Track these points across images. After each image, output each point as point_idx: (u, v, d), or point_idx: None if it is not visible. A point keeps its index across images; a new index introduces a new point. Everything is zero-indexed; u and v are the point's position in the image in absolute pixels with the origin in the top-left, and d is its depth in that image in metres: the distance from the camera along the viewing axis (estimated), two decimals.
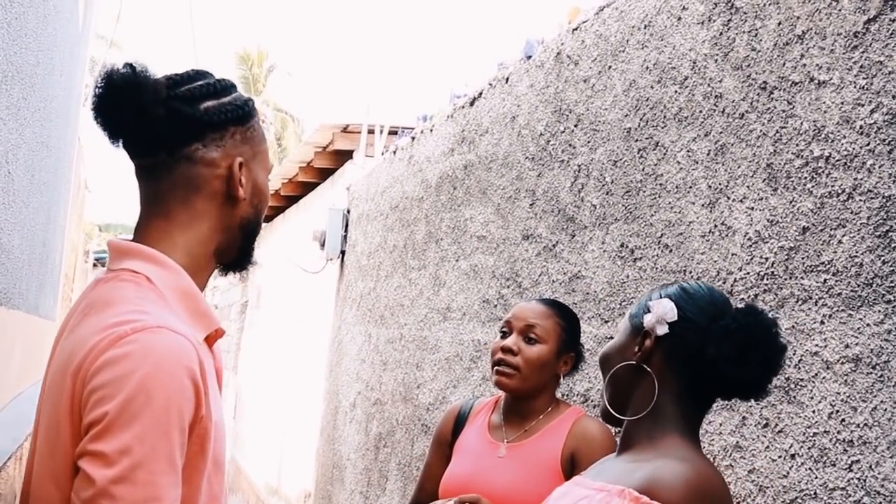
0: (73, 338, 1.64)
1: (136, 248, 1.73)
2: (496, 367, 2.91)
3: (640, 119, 3.30)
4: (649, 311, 1.90)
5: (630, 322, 1.97)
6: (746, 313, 1.86)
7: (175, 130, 1.73)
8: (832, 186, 2.38)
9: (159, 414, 1.52)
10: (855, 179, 2.30)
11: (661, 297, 1.92)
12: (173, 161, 1.74)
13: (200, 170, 1.75)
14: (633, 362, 1.91)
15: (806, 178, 2.47)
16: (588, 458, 2.77)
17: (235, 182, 1.77)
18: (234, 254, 1.86)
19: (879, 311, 2.18)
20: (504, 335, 2.95)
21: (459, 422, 3.09)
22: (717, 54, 2.89)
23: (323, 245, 8.14)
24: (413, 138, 6.22)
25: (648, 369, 1.89)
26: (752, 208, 2.65)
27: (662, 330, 1.87)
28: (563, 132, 3.89)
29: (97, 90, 1.72)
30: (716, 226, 2.81)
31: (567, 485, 2.01)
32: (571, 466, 2.79)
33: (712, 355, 1.83)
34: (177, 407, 1.55)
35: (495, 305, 4.38)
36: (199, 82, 1.78)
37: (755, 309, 1.88)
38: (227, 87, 1.82)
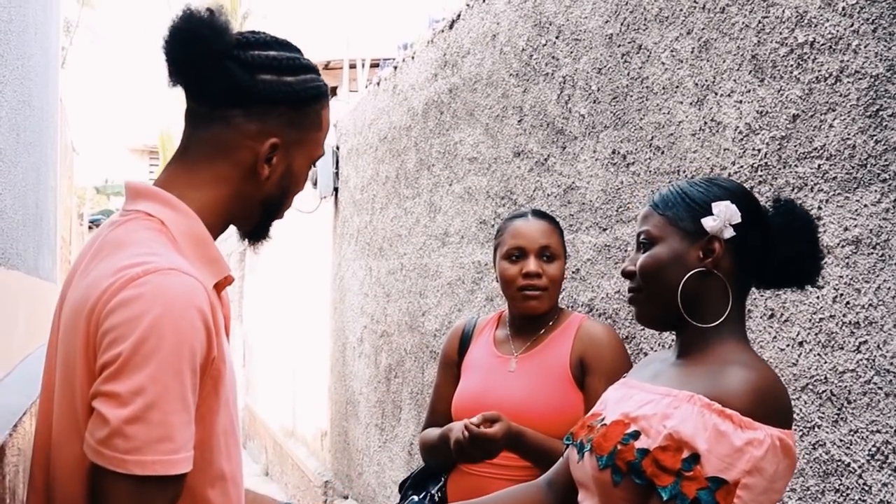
0: (87, 280, 1.65)
1: (153, 191, 1.75)
2: (524, 292, 2.91)
3: (621, 24, 3.27)
4: (708, 216, 1.86)
5: (678, 226, 1.90)
6: (788, 209, 1.92)
7: (220, 91, 1.73)
8: (819, 71, 2.36)
9: (171, 354, 1.54)
10: (841, 62, 2.29)
11: (705, 199, 1.88)
12: (210, 118, 1.75)
13: (233, 136, 1.75)
14: (704, 269, 1.86)
15: (792, 65, 2.45)
16: (597, 361, 2.80)
17: (261, 160, 1.76)
18: (250, 227, 1.88)
19: (876, 190, 2.18)
20: (515, 259, 2.93)
21: (464, 341, 3.10)
22: None
23: (315, 184, 8.11)
24: (395, 68, 6.18)
25: (718, 273, 1.86)
26: (741, 101, 2.64)
27: (729, 233, 1.85)
28: (545, 45, 3.86)
29: (171, 26, 1.72)
30: (706, 123, 2.80)
31: (619, 388, 2.00)
32: (581, 371, 2.82)
33: (785, 254, 1.85)
34: (189, 347, 1.56)
35: (492, 226, 4.38)
36: (270, 52, 1.77)
37: (791, 202, 1.93)
38: (295, 68, 1.79)
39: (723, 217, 1.85)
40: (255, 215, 1.85)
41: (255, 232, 1.90)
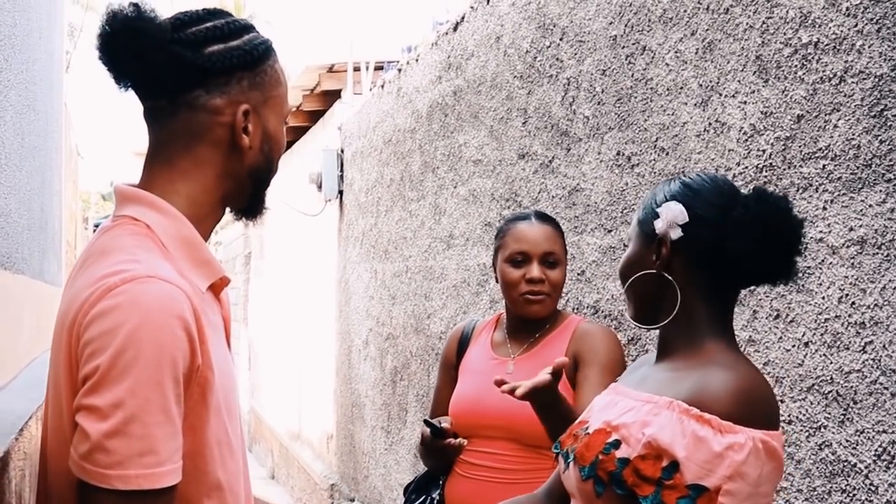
0: (72, 290, 1.62)
1: (139, 195, 1.70)
2: (527, 297, 2.90)
3: (625, 25, 3.27)
4: (658, 217, 1.85)
5: (641, 229, 1.92)
6: (757, 199, 1.80)
7: (175, 77, 1.67)
8: (823, 71, 2.36)
9: (151, 366, 1.49)
10: (845, 62, 2.29)
11: (665, 199, 1.86)
12: (174, 107, 1.69)
13: (203, 117, 1.70)
14: (654, 271, 1.86)
15: (796, 65, 2.45)
16: (590, 354, 2.79)
17: (238, 131, 1.72)
18: (245, 201, 1.82)
19: (881, 190, 2.18)
20: (518, 264, 2.92)
21: (462, 343, 3.10)
22: None
23: (320, 187, 8.12)
24: (399, 70, 6.18)
25: (666, 275, 1.84)
26: (745, 102, 2.64)
27: (676, 234, 1.82)
28: (550, 47, 3.86)
29: (99, 32, 1.65)
30: (710, 124, 2.80)
31: (608, 394, 1.97)
32: (575, 370, 2.80)
33: (732, 251, 1.78)
34: (169, 357, 1.52)
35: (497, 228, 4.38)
36: (208, 24, 1.71)
37: (764, 192, 1.82)
38: (237, 30, 1.74)
39: (666, 218, 1.84)
40: (247, 190, 1.79)
41: (251, 206, 1.85)
